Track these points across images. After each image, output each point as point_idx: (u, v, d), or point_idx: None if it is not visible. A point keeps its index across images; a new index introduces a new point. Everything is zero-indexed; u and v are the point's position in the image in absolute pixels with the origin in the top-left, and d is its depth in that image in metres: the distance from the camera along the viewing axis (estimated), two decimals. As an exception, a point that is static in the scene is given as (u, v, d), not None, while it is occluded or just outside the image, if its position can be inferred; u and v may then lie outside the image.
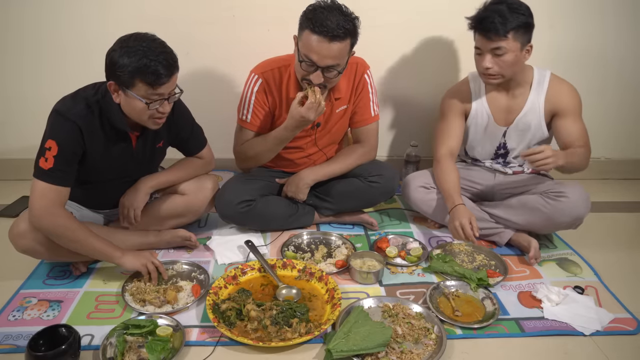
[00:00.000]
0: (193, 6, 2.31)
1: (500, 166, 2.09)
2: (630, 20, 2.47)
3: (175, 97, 1.61)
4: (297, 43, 1.78)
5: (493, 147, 2.07)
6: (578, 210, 1.82)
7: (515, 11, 1.76)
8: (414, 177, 2.11)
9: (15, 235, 1.62)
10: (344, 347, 1.39)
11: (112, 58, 1.50)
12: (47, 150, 1.53)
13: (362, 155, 2.06)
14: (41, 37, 2.32)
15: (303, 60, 1.74)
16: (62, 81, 2.37)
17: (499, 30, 1.75)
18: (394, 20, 2.39)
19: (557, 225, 1.89)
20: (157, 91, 1.52)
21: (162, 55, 1.49)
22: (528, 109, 1.95)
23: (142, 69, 1.47)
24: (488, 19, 1.77)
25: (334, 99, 1.95)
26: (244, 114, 1.96)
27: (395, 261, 1.89)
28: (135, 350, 1.39)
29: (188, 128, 1.85)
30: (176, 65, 1.56)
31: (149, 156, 1.79)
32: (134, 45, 1.48)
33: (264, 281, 1.74)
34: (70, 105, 1.56)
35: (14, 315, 1.56)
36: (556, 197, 1.85)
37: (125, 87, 1.51)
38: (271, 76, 1.91)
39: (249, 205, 1.97)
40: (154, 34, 1.55)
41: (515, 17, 1.75)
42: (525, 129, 1.97)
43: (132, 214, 1.79)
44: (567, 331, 1.55)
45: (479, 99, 2.02)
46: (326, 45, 1.68)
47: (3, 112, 2.47)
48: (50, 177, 1.55)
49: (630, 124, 2.72)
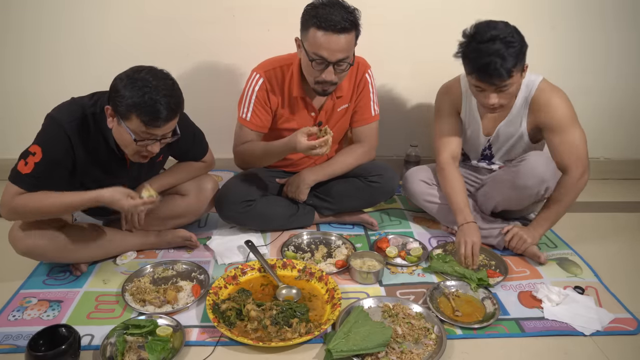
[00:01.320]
0: (193, 6, 2.31)
1: (486, 164, 2.10)
2: (631, 20, 2.47)
3: (167, 140, 1.55)
4: (302, 45, 1.77)
5: (478, 150, 2.06)
6: (538, 169, 1.80)
7: (511, 45, 1.64)
8: (415, 171, 2.12)
9: (14, 239, 1.62)
10: (344, 347, 1.38)
11: (116, 85, 1.44)
12: (30, 154, 1.50)
13: (362, 155, 2.06)
14: (40, 36, 2.32)
15: (313, 59, 1.73)
16: (63, 81, 2.40)
17: (503, 75, 1.65)
18: (393, 20, 2.39)
19: (523, 189, 1.85)
20: (150, 131, 1.46)
21: (166, 98, 1.43)
22: (510, 119, 1.91)
23: (140, 106, 1.41)
24: (489, 65, 1.64)
25: (336, 97, 1.95)
26: (244, 113, 1.95)
27: (395, 261, 1.89)
28: (135, 350, 1.39)
29: (189, 139, 1.82)
30: (178, 111, 1.49)
31: (146, 170, 1.78)
32: (142, 79, 1.42)
33: (264, 281, 1.74)
34: (65, 114, 1.53)
35: (14, 315, 1.56)
36: (516, 163, 1.88)
37: (120, 117, 1.46)
38: (273, 75, 1.91)
39: (249, 205, 1.97)
40: (168, 73, 1.49)
41: (514, 54, 1.64)
42: (505, 139, 1.96)
43: (135, 218, 1.79)
44: (568, 331, 1.55)
45: (469, 102, 1.98)
46: (335, 38, 1.68)
47: (3, 112, 2.47)
48: (24, 182, 1.52)
49: (630, 124, 2.72)
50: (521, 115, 1.89)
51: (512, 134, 1.94)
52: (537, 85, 1.84)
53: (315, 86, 1.82)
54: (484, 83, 1.70)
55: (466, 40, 1.72)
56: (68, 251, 1.68)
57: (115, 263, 1.83)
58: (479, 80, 1.70)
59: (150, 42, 2.35)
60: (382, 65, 2.13)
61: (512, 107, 1.89)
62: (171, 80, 1.48)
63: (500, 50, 1.63)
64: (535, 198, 1.90)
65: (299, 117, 1.98)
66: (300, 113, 1.97)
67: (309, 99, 1.94)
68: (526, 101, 1.86)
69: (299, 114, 1.97)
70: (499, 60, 1.63)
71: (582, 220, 2.25)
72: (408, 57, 2.49)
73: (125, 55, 2.34)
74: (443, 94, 2.05)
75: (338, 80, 1.81)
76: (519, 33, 1.69)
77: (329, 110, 1.98)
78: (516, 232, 1.92)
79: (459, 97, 2.00)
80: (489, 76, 1.66)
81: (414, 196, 2.11)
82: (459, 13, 2.31)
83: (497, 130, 1.95)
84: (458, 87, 2.00)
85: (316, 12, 1.69)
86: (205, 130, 1.93)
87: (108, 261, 1.84)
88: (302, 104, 1.95)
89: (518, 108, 1.88)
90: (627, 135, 2.74)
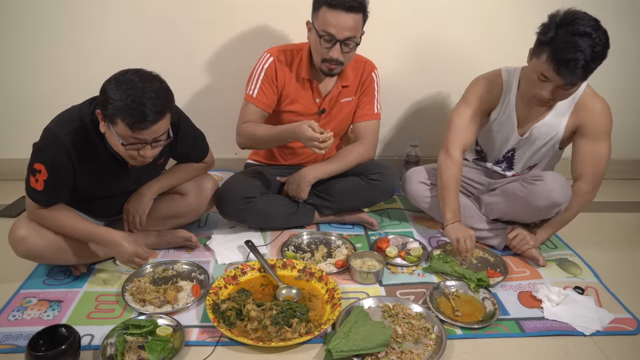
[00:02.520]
0: (193, 6, 2.31)
1: (501, 169, 2.05)
2: (631, 20, 2.47)
3: (160, 144, 1.50)
4: (312, 26, 1.84)
5: (502, 151, 2.00)
6: (553, 193, 1.78)
7: (601, 55, 1.56)
8: (414, 172, 2.11)
9: (14, 241, 1.62)
10: (344, 347, 1.38)
11: (104, 88, 1.41)
12: (37, 172, 1.51)
13: (362, 152, 2.07)
14: (40, 35, 2.32)
15: (322, 36, 1.79)
16: (63, 82, 2.40)
17: (580, 76, 1.58)
18: (393, 20, 2.39)
19: (534, 209, 1.85)
20: (137, 135, 1.41)
21: (152, 100, 1.37)
22: (548, 120, 1.84)
23: (124, 109, 1.36)
24: (576, 62, 1.54)
25: (342, 86, 2.00)
26: (251, 89, 1.97)
27: (395, 261, 1.89)
28: (135, 350, 1.39)
29: (191, 141, 1.81)
30: (165, 113, 1.43)
31: (148, 172, 1.78)
32: (127, 81, 1.38)
33: (264, 281, 1.74)
34: (63, 126, 1.50)
35: (14, 315, 1.56)
36: (533, 181, 1.84)
37: (109, 121, 1.42)
38: (283, 56, 1.97)
39: (249, 202, 1.97)
40: (157, 75, 1.45)
41: (598, 57, 1.56)
42: (537, 140, 1.90)
43: (137, 219, 1.80)
44: (568, 331, 1.55)
45: (508, 98, 1.89)
46: (344, 16, 1.76)
47: (3, 112, 2.47)
48: (39, 199, 1.57)
49: (630, 124, 2.72)
50: (563, 114, 1.83)
51: (547, 134, 1.87)
52: (583, 88, 1.80)
53: (322, 65, 1.88)
54: (558, 76, 1.60)
55: (555, 25, 1.59)
56: (68, 253, 1.68)
57: (115, 263, 1.83)
58: (554, 71, 1.59)
59: (150, 42, 2.35)
60: (382, 66, 2.13)
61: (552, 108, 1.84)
62: (159, 82, 1.43)
63: (592, 50, 1.54)
64: (545, 216, 1.90)
65: (304, 100, 2.00)
66: (305, 96, 2.00)
67: (316, 83, 1.98)
68: (572, 101, 1.81)
69: (303, 97, 2.00)
70: (583, 62, 1.55)
71: (582, 220, 2.23)
72: (408, 57, 2.49)
73: (125, 55, 2.35)
74: (479, 85, 1.94)
75: (344, 61, 1.87)
76: (607, 37, 1.58)
77: (334, 99, 2.02)
78: (520, 232, 1.92)
79: (498, 92, 1.90)
80: (569, 72, 1.57)
81: (413, 198, 2.11)
82: (458, 13, 2.31)
83: (531, 130, 1.88)
84: (499, 82, 1.90)
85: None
86: (205, 130, 1.93)
87: (108, 261, 1.84)
88: (308, 86, 1.99)
89: (561, 108, 1.82)
90: (627, 135, 2.74)
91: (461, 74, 2.14)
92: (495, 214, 2.01)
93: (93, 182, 1.62)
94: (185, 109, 1.81)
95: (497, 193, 2.00)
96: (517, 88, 1.87)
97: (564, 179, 1.82)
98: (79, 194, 1.64)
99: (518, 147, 1.95)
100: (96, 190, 1.68)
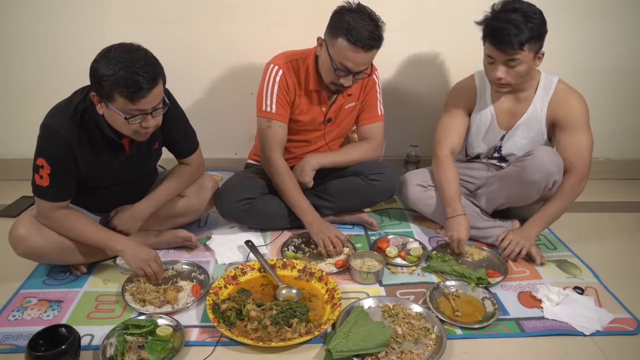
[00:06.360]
0: (193, 6, 2.31)
1: (497, 161, 2.10)
2: (632, 20, 2.47)
3: (159, 112, 1.53)
4: (326, 47, 1.80)
5: (490, 148, 2.07)
6: (544, 164, 1.81)
7: (530, 20, 1.68)
8: (411, 176, 2.12)
9: (14, 240, 1.62)
10: (344, 347, 1.39)
11: (93, 69, 1.43)
12: (40, 167, 1.53)
13: (368, 150, 2.08)
14: (40, 35, 2.32)
15: (337, 68, 1.78)
16: (64, 82, 2.39)
17: (514, 44, 1.69)
18: (393, 20, 2.38)
19: (530, 184, 1.86)
20: (137, 106, 1.44)
21: (143, 68, 1.40)
22: (530, 114, 1.93)
23: (120, 82, 1.39)
24: (503, 31, 1.69)
25: (347, 94, 2.00)
26: (269, 106, 1.92)
27: (395, 261, 1.89)
28: (135, 350, 1.39)
29: (181, 131, 1.81)
30: (158, 79, 1.46)
31: (144, 159, 1.77)
32: (114, 57, 1.40)
33: (264, 281, 1.75)
34: (57, 118, 1.53)
35: (14, 315, 1.56)
36: (523, 158, 1.88)
37: (106, 100, 1.44)
38: (291, 67, 1.94)
39: (249, 203, 1.97)
40: (139, 45, 1.47)
41: (530, 28, 1.68)
42: (523, 134, 1.96)
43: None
44: (567, 331, 1.55)
45: (483, 98, 2.00)
46: (362, 54, 1.74)
47: (3, 112, 2.47)
48: (48, 195, 1.58)
49: (630, 124, 2.72)
50: (541, 109, 1.91)
51: (530, 129, 1.95)
52: (554, 84, 1.89)
53: (330, 85, 1.88)
54: (495, 49, 1.73)
55: (491, 11, 1.77)
56: (68, 253, 1.68)
57: (116, 263, 1.83)
58: (491, 46, 1.75)
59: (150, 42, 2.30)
60: (382, 66, 2.13)
61: (529, 104, 1.92)
62: (143, 50, 1.46)
63: (518, 20, 1.68)
64: (543, 192, 1.90)
65: (312, 111, 2.01)
66: (314, 107, 2.00)
67: (324, 93, 1.97)
68: (547, 95, 1.89)
69: (312, 108, 2.00)
70: (513, 29, 1.67)
71: (581, 220, 2.25)
72: (408, 57, 2.49)
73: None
74: (455, 92, 2.08)
75: (352, 84, 1.88)
76: (542, 15, 1.73)
77: (338, 107, 2.03)
78: (511, 239, 1.90)
79: (473, 94, 2.02)
80: (500, 42, 1.70)
81: (411, 201, 2.11)
82: (460, 13, 2.31)
83: (516, 125, 1.96)
84: (472, 84, 2.02)
85: (348, 24, 1.71)
86: (205, 130, 1.93)
87: (108, 261, 1.84)
88: (316, 97, 1.98)
89: (537, 103, 1.91)
90: (626, 135, 2.74)
91: (461, 74, 2.14)
92: (495, 203, 2.04)
93: (93, 168, 1.63)
94: (185, 109, 1.82)
95: (493, 181, 2.04)
96: (491, 88, 1.95)
97: (552, 150, 1.87)
98: (81, 185, 1.65)
99: (504, 141, 2.01)
100: (97, 178, 1.68)
